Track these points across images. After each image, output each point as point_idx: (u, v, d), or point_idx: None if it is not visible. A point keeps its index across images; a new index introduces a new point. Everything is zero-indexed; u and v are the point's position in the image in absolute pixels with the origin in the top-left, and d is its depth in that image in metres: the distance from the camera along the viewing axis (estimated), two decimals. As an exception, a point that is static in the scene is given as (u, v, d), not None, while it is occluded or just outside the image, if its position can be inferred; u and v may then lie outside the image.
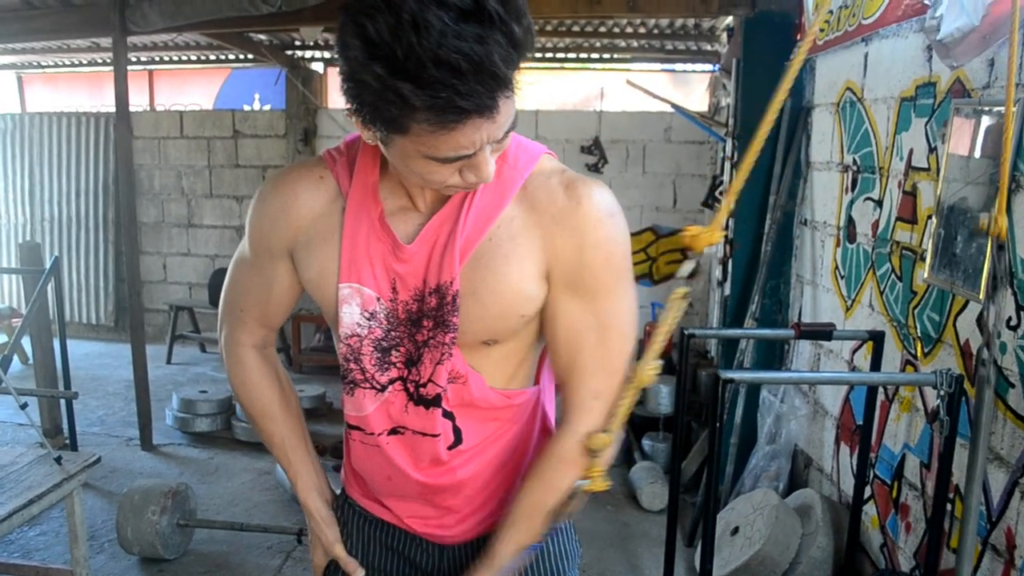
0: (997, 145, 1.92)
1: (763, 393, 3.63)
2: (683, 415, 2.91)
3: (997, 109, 2.01)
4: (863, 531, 2.81)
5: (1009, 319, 1.99)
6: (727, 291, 4.03)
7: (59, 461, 2.55)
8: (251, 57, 6.23)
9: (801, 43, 1.10)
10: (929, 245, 2.36)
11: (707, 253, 5.74)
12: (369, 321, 1.09)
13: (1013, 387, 1.98)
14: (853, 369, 3.06)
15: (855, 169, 3.06)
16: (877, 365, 2.59)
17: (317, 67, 6.64)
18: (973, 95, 2.19)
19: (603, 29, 5.57)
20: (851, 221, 3.08)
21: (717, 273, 4.76)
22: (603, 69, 6.53)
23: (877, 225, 2.84)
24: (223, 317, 1.28)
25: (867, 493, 2.79)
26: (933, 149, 2.43)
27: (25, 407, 2.68)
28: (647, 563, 3.27)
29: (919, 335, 2.49)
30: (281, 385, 1.30)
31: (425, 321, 1.07)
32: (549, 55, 6.39)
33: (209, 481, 4.02)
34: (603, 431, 1.08)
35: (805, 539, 2.87)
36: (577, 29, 5.57)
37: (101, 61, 6.75)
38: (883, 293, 2.77)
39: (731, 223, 4.00)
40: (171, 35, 5.55)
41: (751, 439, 3.64)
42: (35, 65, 7.18)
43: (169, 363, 6.18)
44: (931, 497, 2.24)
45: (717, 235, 1.08)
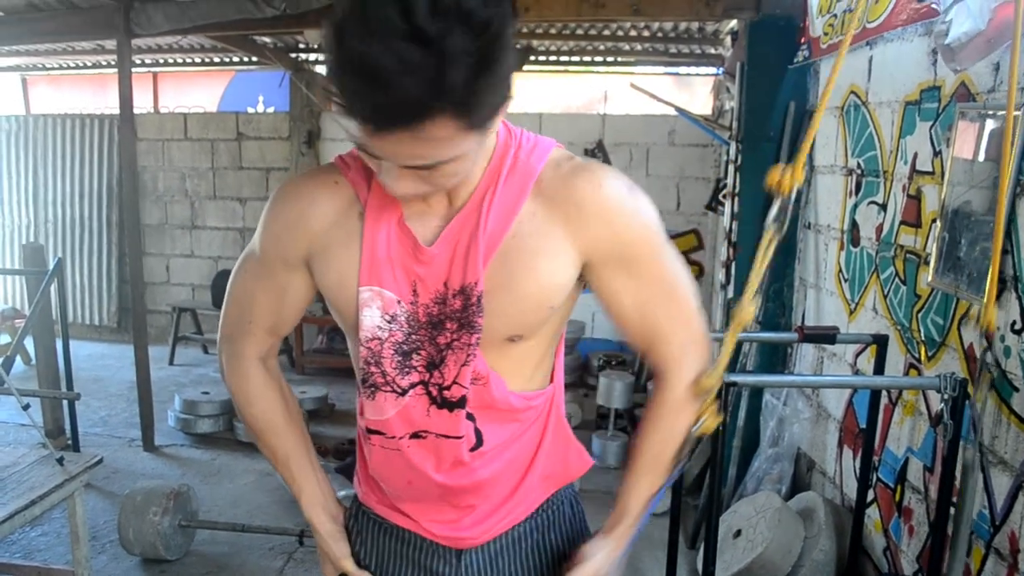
0: (1001, 148, 1.92)
1: (766, 396, 3.62)
2: (686, 418, 2.90)
3: (1002, 113, 2.01)
4: (866, 535, 2.80)
5: (1014, 323, 1.99)
6: (730, 294, 4.03)
7: (61, 462, 2.55)
8: (255, 60, 6.25)
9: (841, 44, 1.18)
10: (933, 249, 2.35)
11: (716, 247, 5.65)
12: (390, 324, 1.09)
13: (1017, 391, 1.97)
14: (856, 373, 3.05)
15: (859, 173, 3.06)
16: (881, 369, 2.59)
17: (321, 70, 6.66)
18: (978, 99, 2.18)
19: (607, 32, 5.58)
20: (855, 225, 3.08)
21: (720, 276, 4.75)
22: (607, 72, 6.54)
23: (881, 229, 2.83)
24: (226, 330, 1.24)
25: (870, 497, 2.78)
26: (937, 153, 2.43)
27: (27, 408, 2.68)
28: (649, 566, 3.26)
29: (923, 339, 2.49)
30: (284, 398, 1.28)
31: (448, 323, 1.07)
32: (553, 58, 6.40)
33: (211, 482, 4.02)
34: (709, 373, 1.17)
35: (808, 542, 2.86)
36: (581, 32, 5.58)
37: (105, 63, 6.78)
38: (887, 297, 2.77)
39: (734, 226, 4.00)
40: (175, 37, 5.56)
41: (754, 442, 3.63)
42: (39, 67, 7.20)
43: (172, 364, 6.19)
44: (934, 501, 2.23)
45: (800, 175, 1.20)
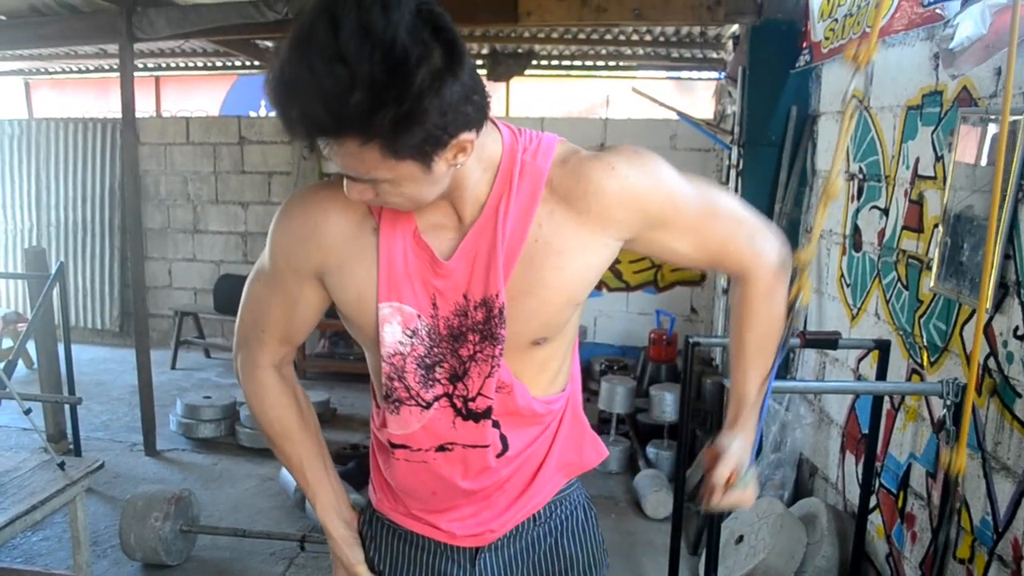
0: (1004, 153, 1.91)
1: (768, 401, 3.60)
2: (688, 423, 2.90)
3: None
4: (868, 541, 2.80)
5: (1016, 329, 1.98)
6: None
7: (62, 466, 2.55)
8: (257, 64, 6.25)
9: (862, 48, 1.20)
10: (935, 254, 2.35)
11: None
12: (411, 339, 1.09)
13: (1020, 397, 1.96)
14: (859, 378, 3.05)
15: (861, 177, 3.05)
16: (883, 374, 2.58)
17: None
18: (980, 104, 2.18)
19: (609, 37, 5.58)
20: (857, 229, 3.07)
21: (722, 281, 4.75)
22: (609, 77, 6.54)
23: (883, 234, 2.83)
24: (241, 340, 1.25)
25: (872, 502, 2.77)
26: (939, 158, 2.43)
27: (29, 412, 2.68)
28: (651, 572, 3.25)
29: (925, 344, 2.48)
30: (299, 405, 1.28)
31: (471, 335, 1.08)
32: (555, 62, 6.41)
33: (212, 487, 4.01)
34: (804, 247, 1.24)
35: (810, 548, 2.85)
36: (583, 37, 5.58)
37: (108, 67, 6.78)
38: (889, 302, 2.76)
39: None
40: (178, 41, 5.57)
41: (756, 447, 3.62)
42: (42, 71, 7.22)
43: (174, 368, 6.18)
44: (937, 507, 2.22)
45: (874, 49, 1.25)
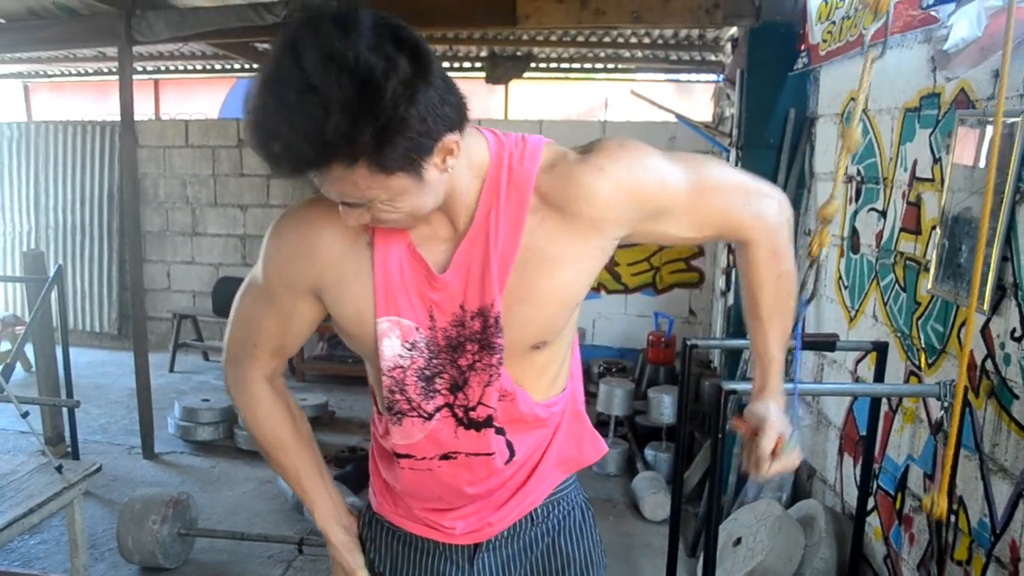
0: (1002, 155, 1.92)
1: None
2: (686, 425, 2.90)
3: (1002, 120, 2.00)
4: (866, 543, 2.79)
5: (1013, 331, 1.98)
6: (730, 301, 4.02)
7: (60, 470, 2.55)
8: (256, 67, 6.24)
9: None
10: (933, 256, 2.35)
11: (712, 273, 5.64)
12: (411, 351, 1.09)
13: (1018, 398, 1.96)
14: (857, 380, 3.05)
15: (859, 180, 3.06)
16: (881, 376, 2.58)
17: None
18: (978, 106, 2.18)
19: (607, 39, 5.59)
20: (855, 232, 3.08)
21: (720, 283, 4.75)
22: (607, 79, 6.55)
23: (881, 236, 2.83)
24: (231, 353, 1.23)
25: (870, 504, 2.77)
26: (937, 160, 2.43)
27: (27, 415, 2.68)
28: (649, 574, 3.25)
29: (923, 346, 2.48)
30: (292, 416, 1.28)
31: (468, 345, 1.08)
32: (553, 65, 6.41)
33: (210, 490, 4.01)
34: (827, 203, 1.34)
35: (808, 550, 2.85)
36: (581, 39, 5.58)
37: (107, 70, 6.79)
38: (887, 304, 2.77)
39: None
40: (177, 45, 5.58)
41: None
42: (41, 74, 7.23)
43: (172, 371, 6.17)
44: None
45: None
